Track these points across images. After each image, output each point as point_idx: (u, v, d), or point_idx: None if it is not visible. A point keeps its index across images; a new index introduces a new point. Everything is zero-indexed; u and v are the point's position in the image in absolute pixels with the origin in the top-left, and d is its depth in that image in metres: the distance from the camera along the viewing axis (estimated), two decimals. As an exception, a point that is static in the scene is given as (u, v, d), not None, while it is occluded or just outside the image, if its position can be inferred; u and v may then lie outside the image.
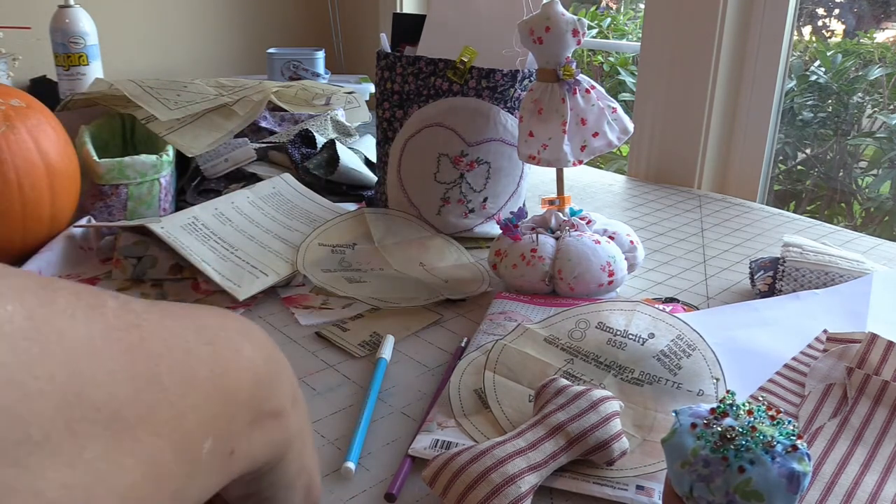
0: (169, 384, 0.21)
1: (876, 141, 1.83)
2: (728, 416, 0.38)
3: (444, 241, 0.87)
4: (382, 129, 0.92)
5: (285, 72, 1.71)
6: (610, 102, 0.75)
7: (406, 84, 0.87)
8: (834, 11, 2.02)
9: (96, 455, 0.19)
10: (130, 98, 1.00)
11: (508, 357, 0.57)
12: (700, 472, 0.37)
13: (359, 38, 2.11)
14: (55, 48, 1.33)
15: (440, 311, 0.72)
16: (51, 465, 0.18)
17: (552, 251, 0.72)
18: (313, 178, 1.02)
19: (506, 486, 0.42)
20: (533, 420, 0.47)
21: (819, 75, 1.87)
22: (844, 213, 1.90)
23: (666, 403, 0.52)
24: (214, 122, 1.02)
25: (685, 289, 0.78)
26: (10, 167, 0.72)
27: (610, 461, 0.46)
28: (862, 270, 0.72)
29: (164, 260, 0.75)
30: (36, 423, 0.17)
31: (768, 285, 0.73)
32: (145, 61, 1.90)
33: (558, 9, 0.72)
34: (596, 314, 0.61)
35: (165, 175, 0.90)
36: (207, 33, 2.00)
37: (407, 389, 0.58)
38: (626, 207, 1.10)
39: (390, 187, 0.91)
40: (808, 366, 0.56)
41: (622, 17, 2.41)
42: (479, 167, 0.87)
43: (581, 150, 0.75)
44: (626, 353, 0.56)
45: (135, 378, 0.20)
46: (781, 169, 1.94)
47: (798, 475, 0.35)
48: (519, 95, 0.86)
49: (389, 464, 0.49)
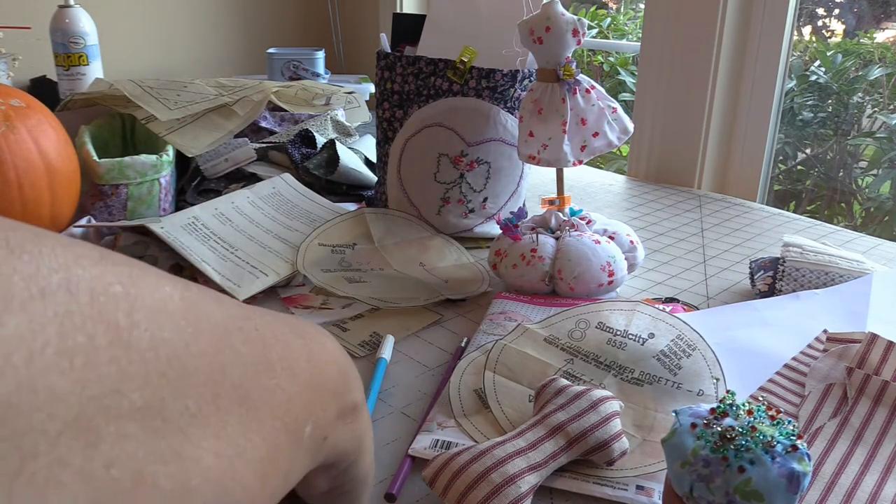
0: (279, 371, 0.23)
1: (876, 141, 1.83)
2: (728, 416, 0.38)
3: (444, 241, 0.87)
4: (382, 129, 0.92)
5: (285, 72, 1.71)
6: (610, 102, 0.75)
7: (406, 84, 0.87)
8: (834, 11, 2.02)
9: (236, 430, 0.20)
10: (130, 98, 1.00)
11: (508, 357, 0.57)
12: (700, 472, 0.37)
13: (359, 38, 2.11)
14: (55, 48, 1.33)
15: (440, 311, 0.72)
16: (204, 436, 0.19)
17: (552, 251, 0.72)
18: (313, 178, 1.02)
19: (506, 486, 0.42)
20: (533, 420, 0.47)
21: (819, 75, 1.87)
22: (844, 213, 1.90)
23: (666, 403, 0.52)
24: (214, 122, 1.02)
25: (685, 289, 0.79)
26: (10, 167, 0.72)
27: (610, 461, 0.46)
28: (862, 270, 0.72)
29: (164, 260, 0.75)
30: (192, 396, 0.19)
31: (768, 285, 0.73)
32: (145, 61, 1.90)
33: (558, 9, 0.72)
34: (596, 314, 0.61)
35: (165, 175, 0.90)
36: (207, 33, 2.00)
37: (407, 389, 0.58)
38: (626, 207, 1.10)
39: (390, 187, 0.91)
40: (808, 366, 0.56)
41: (622, 17, 2.41)
42: (479, 167, 0.87)
43: (581, 150, 0.75)
44: (626, 353, 0.56)
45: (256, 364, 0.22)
46: (781, 169, 1.94)
47: (798, 475, 0.35)
48: (519, 95, 0.86)
49: (389, 464, 0.49)
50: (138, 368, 0.17)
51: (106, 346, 0.17)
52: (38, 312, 0.15)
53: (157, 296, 0.19)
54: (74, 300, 0.16)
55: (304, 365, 0.25)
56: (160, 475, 0.17)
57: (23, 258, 0.16)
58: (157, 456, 0.18)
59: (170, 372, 0.18)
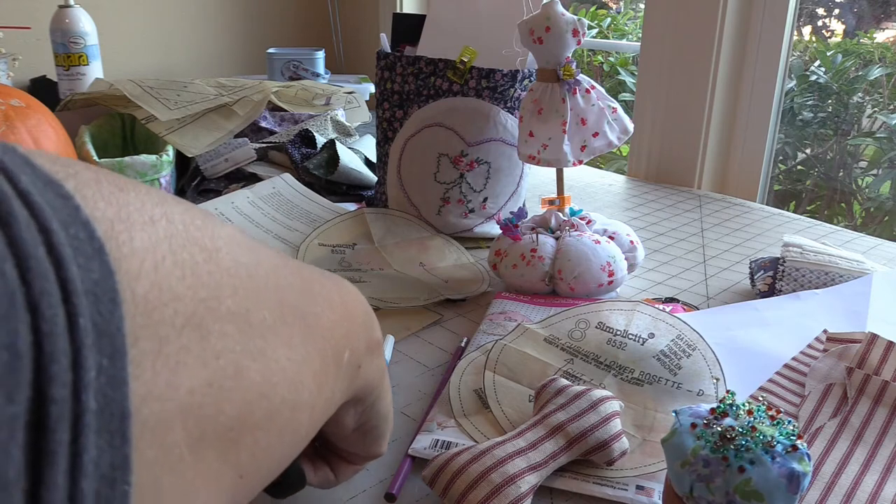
0: (321, 301, 0.27)
1: (876, 141, 1.83)
2: (728, 416, 0.38)
3: (444, 241, 0.87)
4: (382, 129, 0.92)
5: (285, 72, 1.71)
6: (610, 102, 0.75)
7: (406, 84, 0.87)
8: (834, 11, 2.02)
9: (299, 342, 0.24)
10: (130, 98, 1.00)
11: (508, 357, 0.57)
12: (700, 472, 0.37)
13: (359, 38, 2.11)
14: (55, 48, 1.33)
15: (440, 311, 0.72)
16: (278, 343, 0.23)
17: (552, 251, 0.72)
18: (313, 178, 1.02)
19: (506, 486, 0.42)
20: (533, 420, 0.47)
21: (819, 75, 1.87)
22: (844, 213, 1.90)
23: (666, 403, 0.52)
24: (214, 122, 1.02)
25: (685, 289, 0.79)
26: (10, 167, 0.72)
27: (610, 461, 0.46)
28: (862, 270, 0.72)
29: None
30: (266, 308, 0.23)
31: (768, 285, 0.73)
32: (145, 61, 1.90)
33: (558, 9, 0.72)
34: (596, 314, 0.61)
35: (165, 175, 0.90)
36: (207, 33, 2.00)
37: (407, 389, 0.58)
38: (626, 207, 1.10)
39: (390, 187, 0.91)
40: (808, 366, 0.56)
41: (622, 17, 2.41)
42: (479, 167, 0.87)
43: (581, 150, 0.75)
44: (626, 353, 0.56)
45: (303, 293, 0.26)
46: (781, 169, 1.94)
47: (798, 475, 0.35)
48: (519, 95, 0.86)
49: (389, 464, 0.49)
50: (227, 281, 0.21)
51: (202, 262, 0.20)
52: (153, 234, 0.19)
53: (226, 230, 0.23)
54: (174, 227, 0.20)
55: (338, 299, 0.28)
56: (252, 369, 0.21)
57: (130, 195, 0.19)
58: (249, 353, 0.21)
59: (249, 287, 0.22)
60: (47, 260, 0.15)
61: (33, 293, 0.15)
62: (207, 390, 0.19)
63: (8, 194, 0.16)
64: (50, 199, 0.16)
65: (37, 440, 0.14)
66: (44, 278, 0.15)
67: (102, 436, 0.16)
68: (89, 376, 0.15)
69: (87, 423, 0.15)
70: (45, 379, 0.14)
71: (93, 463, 0.15)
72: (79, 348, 0.15)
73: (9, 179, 0.16)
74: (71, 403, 0.15)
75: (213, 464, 0.20)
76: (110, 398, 0.16)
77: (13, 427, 0.14)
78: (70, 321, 0.15)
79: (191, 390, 0.19)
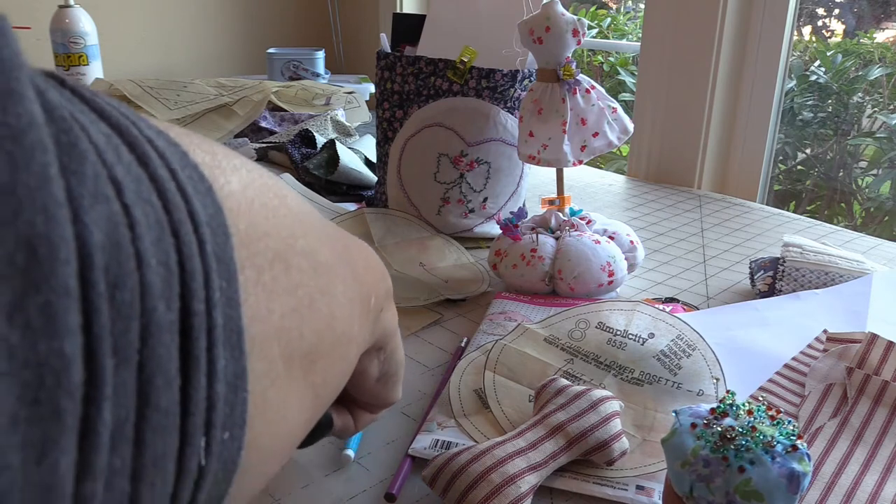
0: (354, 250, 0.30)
1: (876, 141, 1.83)
2: (728, 416, 0.38)
3: (444, 241, 0.87)
4: (382, 129, 0.92)
5: (285, 72, 1.71)
6: (610, 102, 0.75)
7: (406, 84, 0.87)
8: (834, 11, 2.02)
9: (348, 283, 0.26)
10: (130, 98, 1.00)
11: (508, 357, 0.57)
12: (700, 472, 0.37)
13: (359, 38, 2.11)
14: (55, 48, 1.33)
15: (440, 311, 0.72)
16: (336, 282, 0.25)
17: (552, 251, 0.72)
18: (313, 178, 1.02)
19: (506, 486, 0.42)
20: (533, 420, 0.47)
21: (819, 75, 1.87)
22: (844, 213, 1.90)
23: (666, 403, 0.52)
24: (214, 122, 1.02)
25: (685, 289, 0.79)
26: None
27: (610, 461, 0.46)
28: (862, 270, 0.72)
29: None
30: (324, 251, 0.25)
31: (768, 285, 0.73)
32: (145, 61, 1.90)
33: (558, 9, 0.72)
34: (596, 314, 0.61)
35: (165, 175, 0.90)
36: (207, 33, 2.00)
37: (407, 389, 0.58)
38: (626, 207, 1.10)
39: (390, 187, 0.91)
40: (808, 366, 0.56)
41: (622, 17, 2.42)
42: (479, 167, 0.87)
43: (581, 150, 0.75)
44: (626, 353, 0.56)
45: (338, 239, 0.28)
46: (781, 169, 1.94)
47: (798, 475, 0.35)
48: (519, 95, 0.86)
49: (389, 464, 0.49)
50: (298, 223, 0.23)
51: (277, 206, 0.22)
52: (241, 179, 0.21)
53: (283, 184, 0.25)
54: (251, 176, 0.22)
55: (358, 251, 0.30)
56: (321, 302, 0.24)
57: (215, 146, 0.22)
58: (319, 288, 0.24)
59: (312, 230, 0.24)
60: (178, 194, 0.17)
61: (174, 221, 0.17)
62: (293, 315, 0.22)
63: (139, 138, 0.17)
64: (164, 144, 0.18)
65: (184, 345, 0.17)
66: (179, 210, 0.17)
67: (227, 348, 0.18)
68: (216, 296, 0.18)
69: (218, 336, 0.17)
70: (189, 293, 0.17)
71: (223, 370, 0.18)
72: (208, 271, 0.17)
73: (134, 124, 0.18)
74: (206, 317, 0.17)
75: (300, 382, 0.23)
76: (229, 315, 0.18)
77: (172, 331, 0.16)
78: (200, 247, 0.17)
79: (282, 315, 0.21)
